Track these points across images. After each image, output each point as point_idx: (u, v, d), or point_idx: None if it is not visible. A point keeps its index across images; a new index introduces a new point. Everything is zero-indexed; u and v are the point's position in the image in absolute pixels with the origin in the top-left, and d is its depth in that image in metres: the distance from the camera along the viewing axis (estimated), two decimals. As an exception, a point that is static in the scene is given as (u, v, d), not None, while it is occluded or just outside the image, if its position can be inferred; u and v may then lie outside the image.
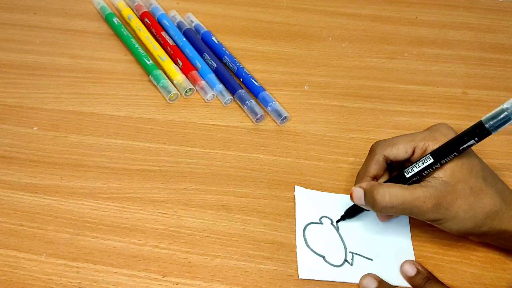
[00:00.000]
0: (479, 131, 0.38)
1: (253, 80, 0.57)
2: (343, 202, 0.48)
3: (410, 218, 0.47)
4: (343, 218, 0.47)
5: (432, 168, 0.41)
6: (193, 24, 0.64)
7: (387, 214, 0.45)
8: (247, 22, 0.66)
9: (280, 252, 0.45)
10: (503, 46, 0.65)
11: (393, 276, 0.44)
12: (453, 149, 0.40)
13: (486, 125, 0.38)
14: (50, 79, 0.57)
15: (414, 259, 0.45)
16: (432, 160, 0.41)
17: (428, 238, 0.46)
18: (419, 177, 0.42)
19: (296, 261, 0.44)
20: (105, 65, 0.59)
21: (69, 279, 0.42)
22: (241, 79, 0.58)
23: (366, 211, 0.46)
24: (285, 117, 0.54)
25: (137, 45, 0.60)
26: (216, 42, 0.61)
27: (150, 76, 0.57)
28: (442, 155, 0.40)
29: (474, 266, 0.45)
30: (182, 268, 0.43)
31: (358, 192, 0.43)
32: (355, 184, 0.45)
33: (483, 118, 0.38)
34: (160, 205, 0.47)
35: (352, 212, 0.46)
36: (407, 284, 0.43)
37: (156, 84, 0.57)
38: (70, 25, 0.64)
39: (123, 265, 0.43)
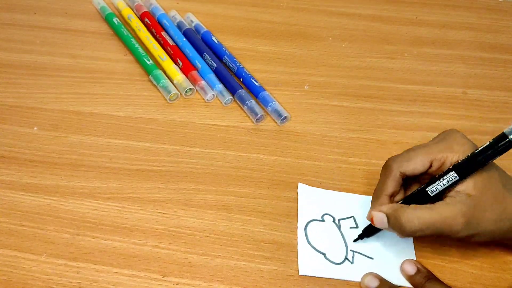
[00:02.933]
0: (503, 143, 0.38)
1: (253, 80, 0.57)
2: (346, 200, 0.48)
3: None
4: (360, 237, 0.45)
5: (456, 184, 0.40)
6: (193, 24, 0.64)
7: (415, 236, 0.42)
8: (247, 22, 0.66)
9: (280, 252, 0.45)
10: (503, 46, 0.65)
11: (393, 275, 0.44)
12: (479, 164, 0.39)
13: (510, 137, 0.37)
14: (50, 79, 0.57)
15: (415, 258, 0.45)
16: (457, 178, 0.40)
17: (428, 238, 0.46)
18: (441, 193, 0.41)
19: (296, 261, 0.44)
20: (105, 65, 0.59)
21: (69, 279, 0.42)
22: (241, 79, 0.58)
23: (385, 243, 0.44)
24: (285, 117, 0.54)
25: (137, 45, 0.60)
26: (216, 42, 0.61)
27: (150, 76, 0.57)
28: (468, 171, 0.39)
29: (474, 266, 0.45)
30: (182, 268, 0.43)
31: (380, 217, 0.41)
32: (372, 204, 0.44)
33: (505, 130, 0.37)
34: (160, 205, 0.47)
35: (369, 231, 0.45)
36: (407, 284, 0.43)
37: (156, 84, 0.57)
38: (70, 25, 0.64)
39: (123, 265, 0.43)
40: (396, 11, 0.69)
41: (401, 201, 0.43)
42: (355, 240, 0.45)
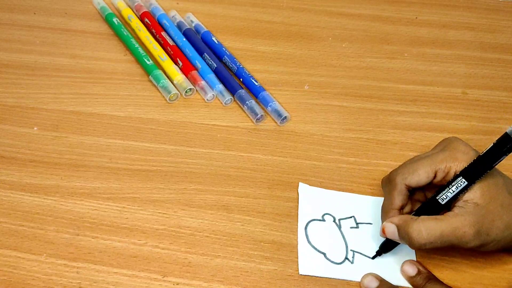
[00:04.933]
0: (508, 144, 0.37)
1: (253, 80, 0.57)
2: (347, 200, 0.48)
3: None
4: (378, 253, 0.45)
5: (465, 190, 0.40)
6: (193, 24, 0.64)
7: (425, 248, 0.41)
8: (247, 22, 0.66)
9: (280, 252, 0.45)
10: (503, 46, 0.65)
11: (393, 275, 0.44)
12: (486, 167, 0.39)
13: None
14: (50, 79, 0.57)
15: (415, 259, 0.45)
16: (466, 183, 0.39)
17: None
18: (451, 201, 0.41)
19: (297, 261, 0.44)
20: (105, 65, 0.59)
21: (69, 279, 0.42)
22: (241, 79, 0.58)
23: (401, 245, 0.44)
24: (285, 117, 0.54)
25: (137, 45, 0.60)
26: (216, 42, 0.61)
27: (150, 76, 0.57)
28: (476, 175, 0.39)
29: (474, 266, 0.45)
30: (182, 268, 0.43)
31: (391, 228, 0.41)
32: (382, 219, 0.44)
33: (508, 130, 0.37)
34: (160, 205, 0.47)
35: (386, 247, 0.44)
36: (408, 284, 0.43)
37: (156, 84, 0.57)
38: (70, 25, 0.64)
39: (123, 265, 0.43)
40: (396, 11, 0.69)
41: (412, 213, 0.43)
42: (373, 257, 0.45)
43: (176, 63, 0.59)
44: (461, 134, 0.54)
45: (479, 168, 0.39)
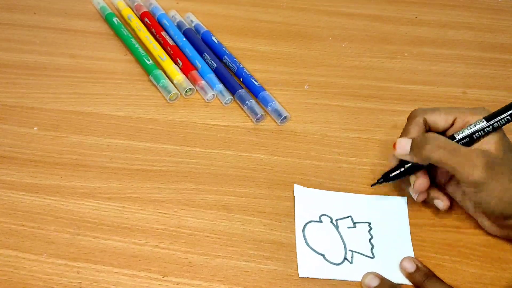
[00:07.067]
0: None
1: (253, 80, 0.57)
2: (343, 200, 0.48)
3: (409, 218, 0.47)
4: (379, 181, 0.46)
5: (482, 133, 0.42)
6: (193, 24, 0.64)
7: (431, 162, 0.43)
8: (247, 22, 0.66)
9: (281, 252, 0.45)
10: (503, 46, 0.65)
11: (393, 274, 0.44)
12: (507, 111, 0.41)
13: None
14: (50, 79, 0.57)
15: (413, 256, 0.45)
16: (484, 122, 0.42)
17: (428, 238, 0.46)
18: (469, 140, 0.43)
19: (296, 260, 0.44)
20: (105, 65, 0.59)
21: (69, 279, 0.42)
22: (241, 79, 0.58)
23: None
24: (285, 117, 0.54)
25: (137, 45, 0.60)
26: (216, 42, 0.61)
27: (150, 76, 0.57)
28: (495, 116, 0.41)
29: (474, 266, 0.45)
30: (183, 268, 0.43)
31: (403, 141, 0.43)
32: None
33: None
34: (160, 205, 0.47)
35: (389, 175, 0.46)
36: (407, 282, 0.43)
37: (156, 84, 0.57)
38: (70, 25, 0.64)
39: (124, 265, 0.43)
40: (396, 11, 0.69)
41: None
42: (372, 185, 0.46)
43: (176, 63, 0.59)
44: (461, 134, 0.54)
45: (501, 112, 0.42)
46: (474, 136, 0.42)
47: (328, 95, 0.58)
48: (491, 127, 0.41)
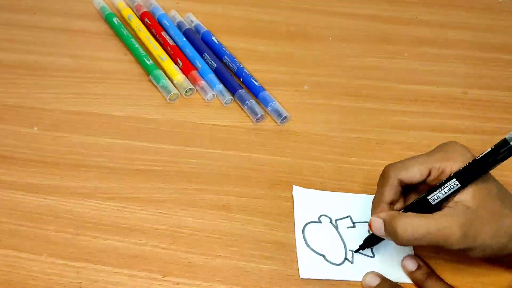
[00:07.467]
0: (505, 149, 0.37)
1: (253, 80, 0.57)
2: (341, 200, 0.48)
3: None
4: (361, 247, 0.44)
5: (456, 193, 0.39)
6: (193, 24, 0.64)
7: (410, 245, 0.41)
8: (247, 22, 0.66)
9: (281, 252, 0.45)
10: (503, 46, 0.65)
11: (394, 273, 0.44)
12: (480, 171, 0.38)
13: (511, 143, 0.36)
14: (50, 79, 0.57)
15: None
16: (459, 185, 0.39)
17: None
18: (442, 202, 0.40)
19: (297, 261, 0.44)
20: (105, 65, 0.59)
21: (69, 279, 0.42)
22: (241, 79, 0.58)
23: (384, 241, 0.44)
24: (285, 117, 0.54)
25: (137, 45, 0.60)
26: (216, 42, 0.61)
27: (150, 76, 0.57)
28: (469, 178, 0.39)
29: (474, 266, 0.45)
30: (183, 268, 0.43)
31: (377, 223, 0.41)
32: (372, 212, 0.43)
33: (507, 136, 0.36)
34: (160, 205, 0.47)
35: (370, 242, 0.44)
36: (408, 281, 0.43)
37: (156, 84, 0.57)
38: (71, 25, 0.64)
39: (124, 265, 0.43)
40: (396, 11, 0.69)
41: (402, 210, 0.42)
42: (356, 251, 0.45)
43: (176, 63, 0.59)
44: (462, 133, 0.54)
45: (473, 172, 0.38)
46: (447, 200, 0.40)
47: (328, 95, 0.58)
48: (465, 187, 0.39)
